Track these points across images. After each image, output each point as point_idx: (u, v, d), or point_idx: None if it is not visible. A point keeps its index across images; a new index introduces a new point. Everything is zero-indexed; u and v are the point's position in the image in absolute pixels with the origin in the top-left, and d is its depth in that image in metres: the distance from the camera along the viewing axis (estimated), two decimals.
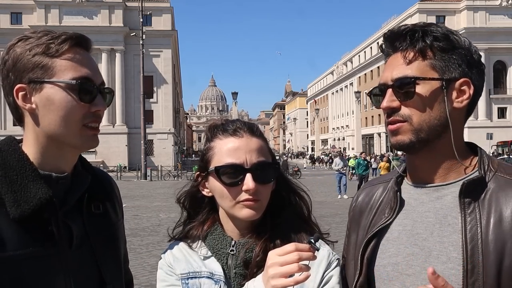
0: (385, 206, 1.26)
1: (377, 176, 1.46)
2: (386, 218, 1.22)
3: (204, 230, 1.33)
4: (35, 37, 1.14)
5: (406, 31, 1.16)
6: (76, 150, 1.20)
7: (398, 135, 1.15)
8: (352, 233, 1.35)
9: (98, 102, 1.16)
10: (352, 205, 1.41)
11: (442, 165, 1.17)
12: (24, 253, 1.05)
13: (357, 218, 1.35)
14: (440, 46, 1.14)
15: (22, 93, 1.12)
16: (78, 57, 1.15)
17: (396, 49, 1.18)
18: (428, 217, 1.16)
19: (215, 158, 1.27)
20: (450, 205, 1.13)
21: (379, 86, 1.20)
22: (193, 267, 1.27)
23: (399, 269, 1.16)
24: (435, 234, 1.13)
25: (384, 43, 1.23)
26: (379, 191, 1.33)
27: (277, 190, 1.32)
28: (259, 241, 1.25)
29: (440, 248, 1.11)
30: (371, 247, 1.22)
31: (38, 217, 1.09)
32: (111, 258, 1.26)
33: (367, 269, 1.22)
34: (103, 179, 1.34)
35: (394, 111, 1.15)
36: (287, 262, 1.03)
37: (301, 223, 1.33)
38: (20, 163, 1.11)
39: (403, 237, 1.18)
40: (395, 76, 1.15)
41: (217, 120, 1.38)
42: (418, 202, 1.20)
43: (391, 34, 1.20)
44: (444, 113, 1.13)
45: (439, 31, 1.15)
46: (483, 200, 1.10)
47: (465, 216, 1.09)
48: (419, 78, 1.13)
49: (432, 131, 1.13)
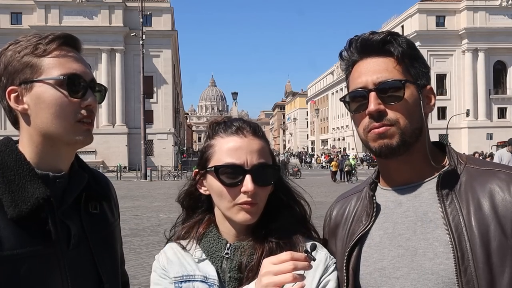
0: (361, 213, 1.27)
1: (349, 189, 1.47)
2: (364, 225, 1.23)
3: (200, 232, 1.30)
4: (25, 40, 1.16)
5: (384, 38, 1.18)
6: (71, 147, 1.20)
7: (385, 138, 1.15)
8: (331, 246, 1.33)
9: (88, 96, 1.17)
10: (326, 220, 1.41)
11: (418, 166, 1.20)
12: (21, 253, 1.05)
13: (333, 230, 1.35)
14: (411, 54, 1.19)
15: (14, 95, 1.14)
16: (66, 55, 1.16)
17: (369, 55, 1.20)
18: (408, 216, 1.18)
19: (215, 157, 1.25)
20: (429, 201, 1.16)
21: (358, 90, 1.19)
22: (186, 270, 1.25)
23: (386, 274, 1.16)
24: (418, 232, 1.14)
25: (352, 49, 1.23)
26: (352, 201, 1.34)
27: (275, 192, 1.29)
28: (255, 244, 1.23)
29: (425, 245, 1.12)
30: (354, 256, 1.22)
31: (36, 217, 1.09)
32: (109, 258, 1.26)
33: (354, 279, 1.21)
34: (100, 179, 1.35)
35: (381, 115, 1.15)
36: (282, 271, 1.01)
37: (298, 226, 1.30)
38: (18, 163, 1.12)
39: (385, 241, 1.18)
40: (378, 80, 1.16)
41: (219, 117, 1.35)
42: (396, 204, 1.21)
43: (364, 40, 1.20)
44: (420, 117, 1.18)
45: (406, 40, 1.20)
46: (459, 191, 1.13)
47: (446, 207, 1.12)
48: (407, 81, 1.16)
49: (413, 134, 1.16)
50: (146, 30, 41.81)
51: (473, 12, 58.03)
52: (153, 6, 52.85)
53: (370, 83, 1.17)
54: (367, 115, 1.16)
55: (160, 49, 53.36)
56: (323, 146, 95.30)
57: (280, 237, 1.24)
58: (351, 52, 1.23)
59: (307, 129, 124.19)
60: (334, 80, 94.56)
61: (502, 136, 47.59)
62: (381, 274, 1.16)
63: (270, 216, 1.28)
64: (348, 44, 1.24)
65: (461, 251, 1.06)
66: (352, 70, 1.24)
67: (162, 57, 53.99)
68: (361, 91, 1.18)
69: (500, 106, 59.09)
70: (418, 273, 1.10)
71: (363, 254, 1.21)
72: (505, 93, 59.25)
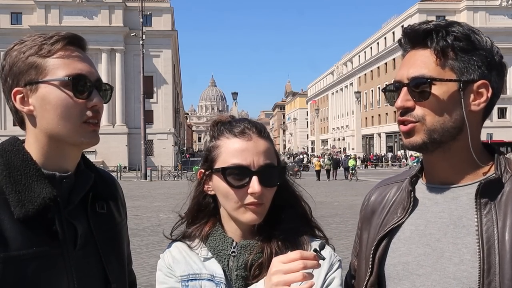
0: (397, 205, 1.24)
1: (392, 176, 1.44)
2: (398, 217, 1.21)
3: (205, 231, 1.31)
4: (30, 40, 1.15)
5: (426, 29, 1.13)
6: (77, 148, 1.19)
7: (411, 136, 1.13)
8: (364, 232, 1.33)
9: (94, 97, 1.16)
10: (364, 204, 1.39)
11: (459, 167, 1.15)
12: (28, 253, 1.05)
13: (369, 217, 1.33)
14: (461, 46, 1.10)
15: (20, 96, 1.13)
16: (71, 55, 1.15)
17: (415, 46, 1.16)
18: (442, 217, 1.15)
19: (221, 158, 1.24)
20: (466, 207, 1.12)
21: (394, 83, 1.18)
22: (193, 269, 1.25)
23: (409, 269, 1.15)
24: (448, 235, 1.12)
25: (403, 38, 1.20)
26: (392, 190, 1.32)
27: (279, 191, 1.29)
28: (261, 242, 1.24)
29: (453, 249, 1.09)
30: (382, 246, 1.21)
31: (43, 217, 1.09)
32: (116, 258, 1.26)
33: (378, 269, 1.21)
34: (107, 179, 1.34)
35: (407, 110, 1.13)
36: (292, 270, 1.02)
37: (303, 225, 1.31)
38: (24, 163, 1.12)
39: (415, 237, 1.17)
40: (411, 75, 1.12)
41: (223, 116, 1.34)
42: (433, 202, 1.18)
43: (411, 30, 1.16)
44: (460, 116, 1.11)
45: (460, 30, 1.11)
46: (500, 201, 1.08)
47: (481, 216, 1.07)
48: (435, 79, 1.10)
49: (446, 132, 1.11)
50: (146, 30, 41.81)
51: (473, 12, 58.09)
52: (153, 6, 52.86)
53: (404, 77, 1.14)
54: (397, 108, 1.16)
55: (160, 49, 53.38)
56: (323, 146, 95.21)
57: (286, 236, 1.25)
58: (404, 42, 1.20)
59: (307, 129, 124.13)
60: (334, 80, 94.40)
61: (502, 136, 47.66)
62: (404, 268, 1.16)
63: (274, 215, 1.28)
64: (402, 32, 1.21)
65: (488, 263, 1.03)
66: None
67: (162, 57, 54.01)
68: (395, 84, 1.17)
69: (500, 106, 59.08)
70: (440, 275, 1.09)
71: (392, 245, 1.20)
72: (505, 93, 59.19)
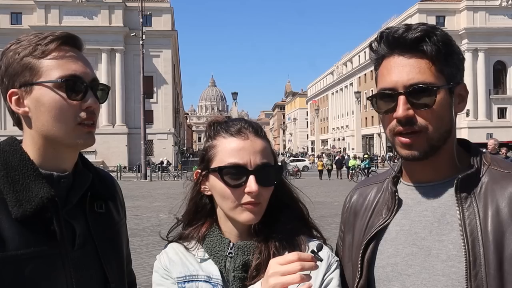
0: (381, 206, 1.24)
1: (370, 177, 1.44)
2: (384, 219, 1.21)
3: (202, 232, 1.30)
4: (26, 40, 1.14)
5: (417, 36, 1.09)
6: (72, 149, 1.19)
7: (412, 148, 1.11)
8: (347, 235, 1.33)
9: (89, 98, 1.15)
10: (346, 206, 1.39)
11: (443, 166, 1.17)
12: (26, 253, 1.05)
13: (352, 219, 1.33)
14: (447, 51, 1.10)
15: (15, 98, 1.13)
16: (65, 55, 1.14)
17: (402, 51, 1.11)
18: (426, 216, 1.16)
19: (218, 157, 1.24)
20: (448, 203, 1.13)
21: (387, 90, 1.12)
22: (189, 271, 1.24)
23: (398, 270, 1.15)
24: (433, 233, 1.13)
25: (380, 43, 1.15)
26: (373, 191, 1.31)
27: (276, 192, 1.29)
28: (258, 243, 1.23)
29: (439, 246, 1.10)
30: (370, 249, 1.21)
31: (41, 217, 1.08)
32: (115, 257, 1.26)
33: (367, 271, 1.21)
34: (105, 178, 1.34)
35: (409, 121, 1.09)
36: (289, 271, 1.01)
37: (300, 226, 1.31)
38: (22, 163, 1.11)
39: (401, 237, 1.17)
40: (409, 83, 1.08)
41: (219, 117, 1.34)
42: (415, 202, 1.19)
43: (393, 34, 1.12)
44: (450, 119, 1.12)
45: (442, 34, 1.10)
46: (479, 193, 1.10)
47: (463, 210, 1.09)
48: (440, 86, 1.08)
49: (441, 138, 1.12)
50: (146, 30, 41.75)
51: (473, 12, 57.99)
52: (153, 6, 52.84)
53: (400, 85, 1.09)
54: (395, 118, 1.11)
55: (160, 49, 53.37)
56: (323, 146, 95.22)
57: (284, 236, 1.25)
58: (382, 46, 1.15)
59: (307, 129, 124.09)
60: (334, 80, 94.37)
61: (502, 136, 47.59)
62: (393, 269, 1.16)
63: (271, 216, 1.28)
64: (379, 36, 1.15)
65: (473, 255, 1.04)
66: (381, 64, 1.16)
67: (162, 57, 54.00)
68: (390, 93, 1.11)
69: (500, 106, 59.06)
70: (429, 273, 1.10)
71: (379, 247, 1.20)
72: (505, 93, 59.24)
